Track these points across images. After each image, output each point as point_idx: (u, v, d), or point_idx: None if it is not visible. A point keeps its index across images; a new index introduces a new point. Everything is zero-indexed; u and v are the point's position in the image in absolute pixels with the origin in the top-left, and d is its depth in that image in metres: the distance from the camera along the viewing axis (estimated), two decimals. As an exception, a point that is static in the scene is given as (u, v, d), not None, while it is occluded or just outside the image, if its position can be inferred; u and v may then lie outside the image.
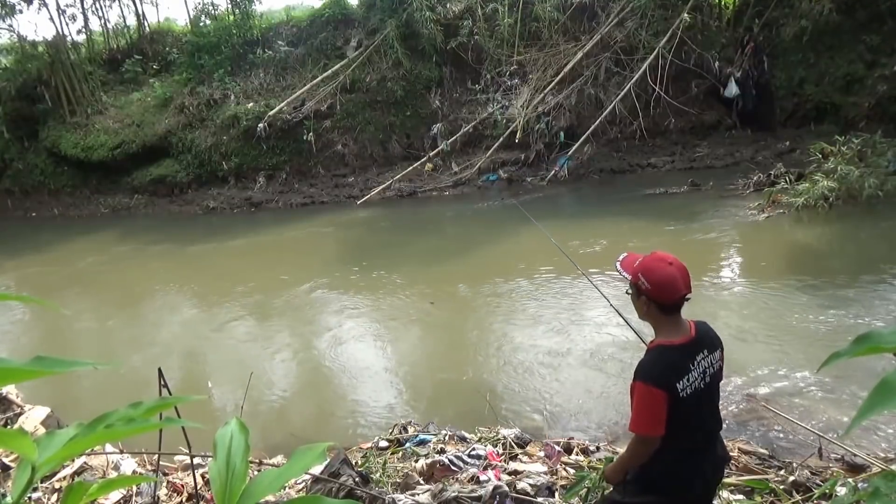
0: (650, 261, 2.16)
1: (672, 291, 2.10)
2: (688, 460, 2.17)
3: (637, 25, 13.83)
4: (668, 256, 2.17)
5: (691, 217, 9.58)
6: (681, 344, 2.13)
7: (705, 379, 2.15)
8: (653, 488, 2.20)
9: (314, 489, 3.25)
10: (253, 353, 6.71)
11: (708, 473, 2.23)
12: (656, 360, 2.13)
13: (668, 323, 2.16)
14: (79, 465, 4.02)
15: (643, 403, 2.08)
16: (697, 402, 2.12)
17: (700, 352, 2.15)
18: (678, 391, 2.05)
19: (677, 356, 2.11)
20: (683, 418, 2.09)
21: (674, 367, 2.09)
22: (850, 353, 0.70)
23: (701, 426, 2.21)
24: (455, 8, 15.52)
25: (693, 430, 2.16)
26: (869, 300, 6.06)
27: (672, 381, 2.06)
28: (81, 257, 12.04)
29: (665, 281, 2.10)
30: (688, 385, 2.08)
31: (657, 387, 2.05)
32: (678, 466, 2.16)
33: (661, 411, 2.06)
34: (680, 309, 2.16)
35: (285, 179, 15.62)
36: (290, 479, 0.91)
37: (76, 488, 0.82)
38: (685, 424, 2.11)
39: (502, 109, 14.55)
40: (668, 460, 2.15)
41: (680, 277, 2.10)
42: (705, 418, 2.22)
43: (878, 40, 12.68)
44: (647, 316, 2.19)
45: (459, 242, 10.46)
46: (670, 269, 2.10)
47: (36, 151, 17.57)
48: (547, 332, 6.22)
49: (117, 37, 19.89)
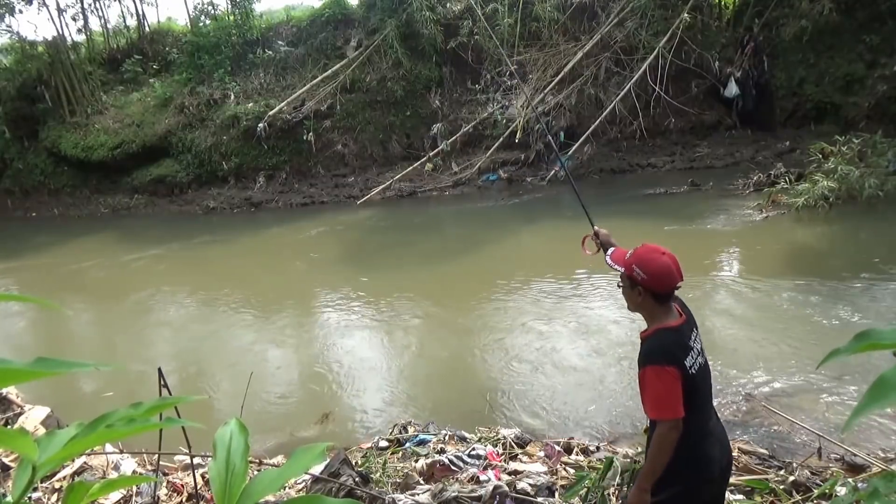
0: (644, 252, 2.19)
1: (668, 281, 2.14)
2: (703, 442, 2.15)
3: (637, 25, 13.83)
4: (659, 247, 2.21)
5: (691, 217, 9.58)
6: (678, 325, 2.17)
7: (702, 355, 2.19)
8: (675, 479, 2.11)
9: (314, 489, 3.25)
10: (253, 353, 6.71)
11: (719, 454, 2.19)
12: (661, 341, 2.14)
13: (661, 311, 2.19)
14: (79, 465, 4.02)
15: (659, 385, 2.05)
16: (703, 380, 2.16)
17: (692, 331, 2.20)
18: (687, 368, 2.06)
19: (678, 336, 2.14)
20: (694, 398, 2.09)
21: (679, 345, 2.11)
22: (850, 349, 0.70)
23: (708, 405, 2.22)
24: (455, 8, 15.53)
25: (702, 410, 2.17)
26: (869, 300, 6.06)
27: (681, 359, 2.07)
28: (81, 257, 12.03)
29: (661, 271, 2.13)
30: (693, 363, 2.10)
31: (669, 364, 2.04)
32: (697, 450, 2.13)
33: (678, 389, 2.03)
34: (671, 298, 2.21)
35: (285, 179, 15.62)
36: (290, 478, 0.91)
37: (76, 488, 0.82)
38: (696, 404, 2.11)
39: (502, 109, 14.56)
40: (688, 444, 2.10)
41: (674, 267, 2.15)
42: (708, 397, 2.23)
43: (878, 40, 12.67)
44: (641, 307, 2.22)
45: (460, 242, 10.46)
46: (664, 259, 2.15)
47: (36, 151, 17.58)
48: (547, 332, 6.22)
49: (117, 37, 19.89)
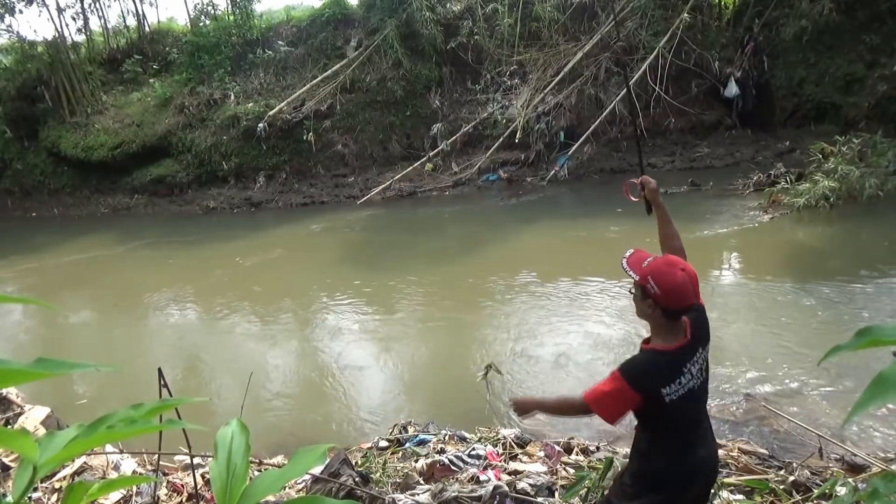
0: (662, 265, 2.09)
1: (682, 300, 2.05)
2: (689, 453, 2.16)
3: (637, 25, 13.83)
4: (680, 261, 2.12)
5: (691, 217, 9.57)
6: (675, 349, 2.10)
7: (702, 375, 2.15)
8: (657, 486, 2.17)
9: (314, 489, 3.26)
10: (253, 353, 6.72)
11: (706, 467, 2.21)
12: (644, 365, 2.12)
13: (668, 328, 2.11)
14: (79, 465, 4.02)
15: (612, 393, 2.07)
16: (694, 399, 2.12)
17: (695, 352, 2.12)
18: (662, 396, 2.05)
19: (669, 363, 2.09)
20: (680, 414, 2.09)
21: (660, 374, 2.07)
22: (852, 346, 0.71)
23: (699, 419, 2.22)
24: (455, 8, 15.53)
25: (692, 424, 2.17)
26: (869, 300, 6.06)
27: (655, 387, 2.05)
28: (81, 258, 12.04)
29: (676, 288, 2.04)
30: (679, 388, 2.06)
31: (633, 389, 2.04)
32: (681, 459, 2.15)
33: (623, 409, 2.09)
34: (682, 314, 2.12)
35: (285, 179, 15.62)
36: (291, 479, 0.91)
37: (76, 488, 0.82)
38: (684, 419, 2.12)
39: (502, 109, 14.56)
40: (671, 453, 2.14)
41: (691, 285, 2.06)
42: (702, 410, 2.23)
43: (878, 40, 12.67)
44: (650, 318, 2.15)
45: (460, 242, 10.46)
46: (682, 276, 2.04)
47: (36, 151, 17.58)
48: (548, 332, 6.22)
49: (117, 37, 19.89)
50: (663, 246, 2.49)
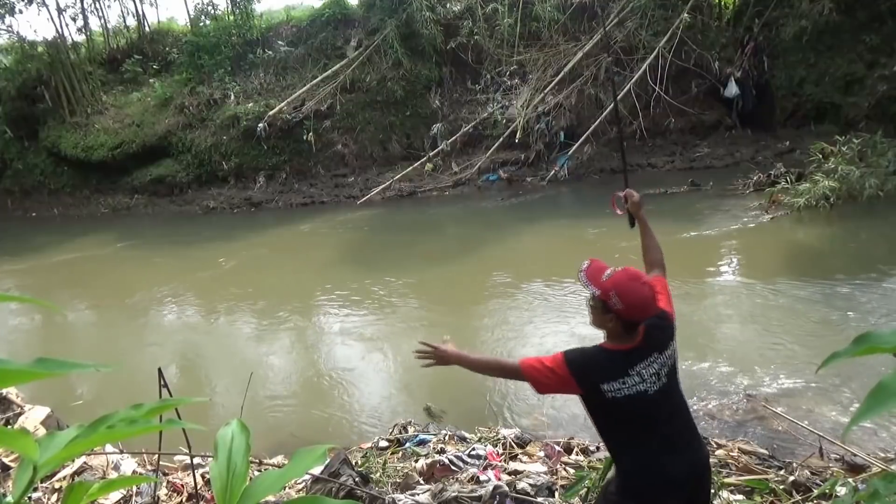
0: (625, 279, 2.05)
1: (644, 313, 2.06)
2: (665, 462, 2.11)
3: (637, 25, 13.83)
4: (640, 274, 2.12)
5: (691, 217, 9.57)
6: (624, 349, 2.09)
7: (660, 380, 2.09)
8: (635, 495, 2.13)
9: (314, 489, 3.26)
10: (253, 353, 6.71)
11: (687, 475, 2.15)
12: (587, 356, 2.12)
13: (623, 335, 2.11)
14: (79, 465, 4.02)
15: (549, 369, 2.08)
16: (649, 403, 2.07)
17: (645, 357, 2.09)
18: (603, 391, 2.04)
19: (613, 360, 2.08)
20: (631, 416, 2.08)
21: (601, 369, 2.07)
22: (849, 353, 0.70)
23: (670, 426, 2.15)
24: (455, 8, 15.53)
25: (652, 429, 2.12)
26: (870, 300, 6.05)
27: (594, 381, 2.06)
28: (81, 257, 12.04)
29: (640, 303, 2.04)
30: (623, 387, 2.04)
31: (571, 373, 2.06)
32: (652, 467, 2.11)
33: (553, 384, 2.11)
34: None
35: (285, 179, 15.63)
36: (291, 479, 0.91)
37: (76, 488, 0.82)
38: (637, 421, 2.10)
39: (502, 109, 14.56)
40: (639, 460, 2.12)
41: (652, 299, 2.08)
42: (670, 419, 2.16)
43: (878, 40, 12.66)
44: (606, 329, 2.14)
45: (460, 242, 10.46)
46: (644, 291, 2.05)
47: (36, 151, 17.59)
48: (548, 332, 6.22)
49: (117, 37, 19.90)
50: (645, 257, 2.56)
